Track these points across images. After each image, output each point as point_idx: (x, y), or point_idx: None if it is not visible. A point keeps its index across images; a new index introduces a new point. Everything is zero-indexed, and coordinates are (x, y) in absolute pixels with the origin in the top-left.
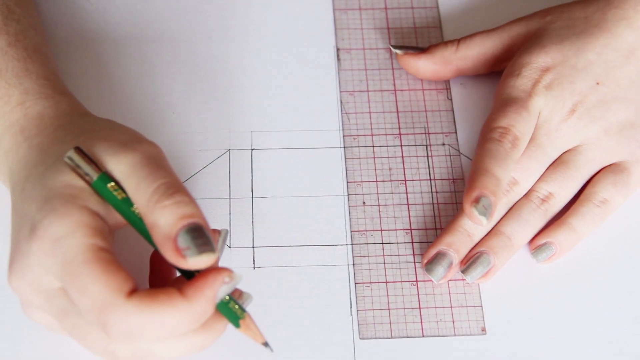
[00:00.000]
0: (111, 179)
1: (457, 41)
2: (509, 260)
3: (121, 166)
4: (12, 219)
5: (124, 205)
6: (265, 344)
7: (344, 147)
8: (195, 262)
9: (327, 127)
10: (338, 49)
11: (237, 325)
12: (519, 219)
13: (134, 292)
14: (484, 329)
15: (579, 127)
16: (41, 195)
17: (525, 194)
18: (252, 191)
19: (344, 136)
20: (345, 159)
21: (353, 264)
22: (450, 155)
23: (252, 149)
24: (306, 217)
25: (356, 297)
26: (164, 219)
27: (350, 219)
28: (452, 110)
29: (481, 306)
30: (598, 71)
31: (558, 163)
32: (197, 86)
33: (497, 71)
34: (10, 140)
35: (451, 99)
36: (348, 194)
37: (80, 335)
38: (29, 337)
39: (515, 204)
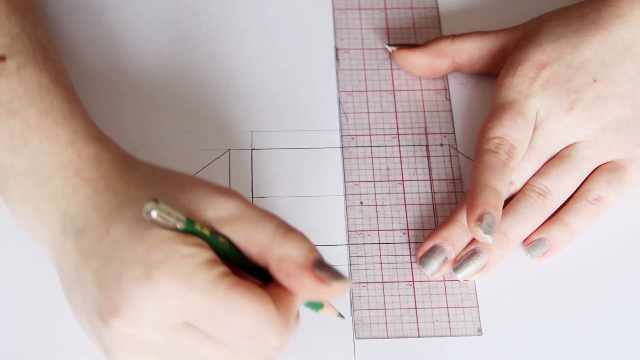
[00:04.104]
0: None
1: (454, 35)
2: (506, 262)
3: (225, 211)
4: (91, 263)
5: (213, 238)
6: (340, 315)
7: (342, 147)
8: (340, 287)
9: (326, 127)
10: (337, 49)
11: (319, 309)
12: (515, 213)
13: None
14: (480, 330)
15: (577, 125)
16: (148, 238)
17: (520, 189)
18: (252, 191)
19: (342, 136)
20: (343, 158)
21: (349, 264)
22: (448, 156)
23: (252, 149)
24: (306, 217)
25: (352, 297)
26: (297, 251)
27: (347, 218)
28: (451, 110)
29: (477, 307)
30: (594, 69)
31: (554, 158)
32: (197, 86)
33: (494, 73)
34: (63, 182)
35: (450, 99)
36: (345, 194)
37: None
38: (29, 337)
39: (511, 200)
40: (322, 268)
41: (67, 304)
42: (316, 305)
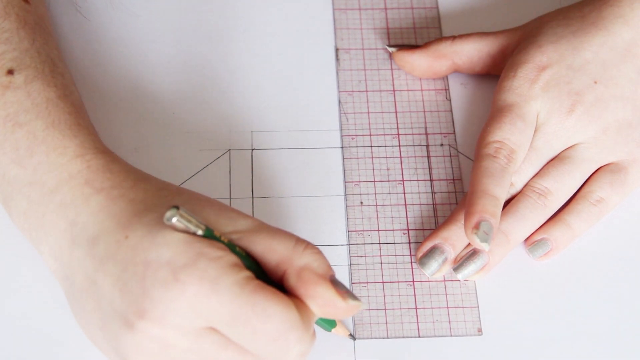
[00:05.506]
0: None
1: (453, 36)
2: (507, 262)
3: (242, 225)
4: (109, 268)
5: (232, 247)
6: (351, 336)
7: (342, 147)
8: (354, 305)
9: (326, 127)
10: (337, 49)
11: (332, 328)
12: (515, 214)
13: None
14: (480, 330)
15: (577, 127)
16: (173, 241)
17: (520, 190)
18: (252, 191)
19: (342, 136)
20: (344, 158)
21: (349, 264)
22: (449, 156)
23: (252, 149)
24: (306, 217)
25: None
26: (318, 263)
27: (347, 218)
28: (451, 110)
29: (477, 307)
30: (595, 70)
31: (555, 159)
32: (197, 86)
33: (494, 74)
34: (72, 192)
35: (450, 100)
36: (345, 194)
37: None
38: (29, 338)
39: (511, 200)
40: (339, 285)
41: (73, 315)
42: (329, 323)
